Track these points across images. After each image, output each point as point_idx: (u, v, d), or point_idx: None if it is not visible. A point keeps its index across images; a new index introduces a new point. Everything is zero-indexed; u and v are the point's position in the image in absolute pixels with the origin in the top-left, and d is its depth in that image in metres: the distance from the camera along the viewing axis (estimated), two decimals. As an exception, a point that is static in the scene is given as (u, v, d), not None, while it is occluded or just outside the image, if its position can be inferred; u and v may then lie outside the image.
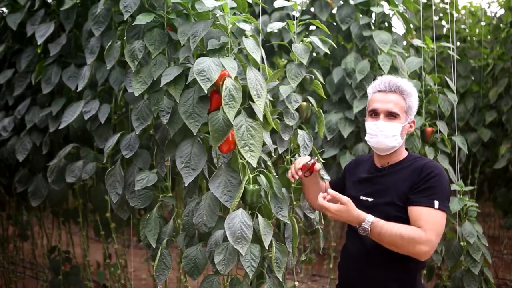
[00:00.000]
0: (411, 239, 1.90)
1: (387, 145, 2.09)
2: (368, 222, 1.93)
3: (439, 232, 1.96)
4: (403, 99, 2.09)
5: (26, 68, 3.13)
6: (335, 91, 3.40)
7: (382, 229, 1.92)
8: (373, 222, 1.93)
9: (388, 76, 2.15)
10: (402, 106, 2.09)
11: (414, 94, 2.13)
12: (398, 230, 1.91)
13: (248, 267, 1.95)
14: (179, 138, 2.21)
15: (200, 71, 2.00)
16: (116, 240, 3.00)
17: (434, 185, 1.98)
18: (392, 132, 2.07)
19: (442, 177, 2.01)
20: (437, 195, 1.97)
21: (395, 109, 2.07)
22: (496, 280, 4.44)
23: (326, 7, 3.46)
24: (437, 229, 1.94)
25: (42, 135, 3.09)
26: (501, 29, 4.66)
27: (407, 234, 1.91)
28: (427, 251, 1.92)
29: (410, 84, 2.14)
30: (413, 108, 2.12)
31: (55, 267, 3.63)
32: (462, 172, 4.51)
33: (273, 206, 2.11)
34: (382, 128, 2.08)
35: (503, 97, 4.37)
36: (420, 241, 1.90)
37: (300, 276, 4.48)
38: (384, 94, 2.10)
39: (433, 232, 1.93)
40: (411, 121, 2.13)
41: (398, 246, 1.92)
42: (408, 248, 1.92)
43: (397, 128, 2.07)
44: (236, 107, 1.99)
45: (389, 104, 2.08)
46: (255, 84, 2.06)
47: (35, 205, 3.11)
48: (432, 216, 1.95)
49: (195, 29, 2.14)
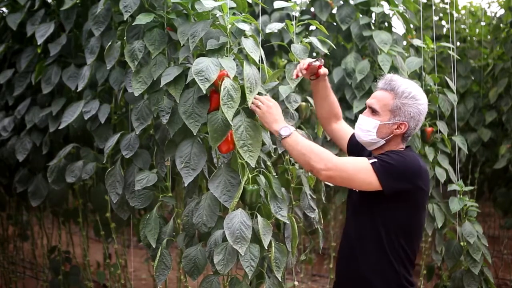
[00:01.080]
0: (320, 155, 1.97)
1: (361, 138, 2.11)
2: (293, 128, 2.03)
3: (350, 172, 1.97)
4: (391, 98, 2.04)
5: (26, 68, 3.13)
6: (335, 91, 3.38)
7: (299, 137, 2.02)
8: (296, 131, 2.04)
9: (390, 75, 2.11)
10: (387, 104, 2.04)
11: (412, 97, 2.03)
12: (313, 144, 2.02)
13: (247, 267, 1.95)
14: (179, 138, 2.21)
15: (198, 71, 2.00)
16: (116, 240, 2.99)
17: (389, 157, 1.97)
18: (366, 127, 2.07)
19: (405, 161, 1.98)
20: (382, 162, 1.96)
21: (375, 105, 2.06)
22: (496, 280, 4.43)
23: (326, 7, 3.45)
24: (350, 167, 1.97)
25: (42, 135, 3.09)
26: (501, 29, 4.66)
27: (319, 149, 1.99)
28: (320, 169, 1.95)
29: (414, 88, 2.05)
30: (405, 111, 2.02)
31: (55, 267, 3.62)
32: (462, 172, 4.51)
33: (272, 206, 2.11)
34: (359, 122, 2.10)
35: (503, 97, 4.37)
36: (326, 160, 1.95)
37: (300, 276, 4.48)
38: (378, 90, 2.10)
39: (345, 164, 1.98)
40: (399, 123, 2.04)
41: (306, 156, 1.98)
42: (311, 161, 1.97)
43: (372, 124, 2.05)
44: (234, 107, 1.99)
45: (372, 100, 2.09)
46: (250, 78, 2.07)
47: (35, 205, 3.11)
48: (359, 160, 2.00)
49: (194, 29, 2.14)
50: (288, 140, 2.02)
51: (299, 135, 2.05)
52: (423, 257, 3.42)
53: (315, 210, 2.50)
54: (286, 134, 2.02)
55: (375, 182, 1.95)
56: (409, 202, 2.01)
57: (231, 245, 1.94)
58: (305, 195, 2.48)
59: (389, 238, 2.00)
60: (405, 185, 1.97)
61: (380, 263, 2.02)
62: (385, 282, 2.01)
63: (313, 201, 2.50)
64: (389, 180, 1.95)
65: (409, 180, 1.98)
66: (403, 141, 2.11)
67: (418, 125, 2.08)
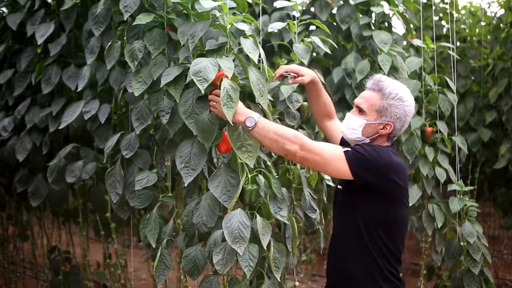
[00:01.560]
0: (293, 138, 1.97)
1: (347, 136, 2.13)
2: (256, 115, 2.01)
3: (324, 156, 1.98)
4: (379, 98, 2.06)
5: (26, 68, 3.13)
6: (335, 91, 3.40)
7: (267, 122, 2.01)
8: (261, 116, 2.02)
9: (379, 75, 2.13)
10: (374, 104, 2.06)
11: (399, 99, 2.05)
12: (281, 127, 2.01)
13: (246, 267, 1.95)
14: (179, 138, 2.21)
15: (196, 71, 2.01)
16: (116, 240, 2.99)
17: (362, 149, 1.99)
18: (352, 125, 2.10)
19: (377, 153, 1.98)
20: (354, 152, 1.97)
21: (362, 105, 2.08)
22: (496, 280, 4.43)
23: (326, 7, 3.45)
24: (325, 151, 1.98)
25: (42, 135, 3.08)
26: (501, 29, 4.66)
27: (291, 131, 1.99)
28: (295, 151, 1.96)
29: (401, 89, 2.07)
30: (391, 112, 2.04)
31: (55, 267, 3.62)
32: (462, 172, 4.51)
33: (272, 206, 2.11)
34: (346, 120, 2.13)
35: (503, 97, 4.37)
36: (301, 142, 1.96)
37: (300, 276, 4.48)
38: (366, 90, 2.13)
39: (321, 148, 1.98)
40: (385, 123, 2.06)
41: (280, 142, 1.97)
42: (285, 146, 1.97)
43: (358, 122, 2.08)
44: (234, 107, 1.99)
45: (360, 99, 2.11)
46: (256, 84, 2.08)
47: (35, 205, 3.11)
48: (334, 147, 2.03)
49: (194, 29, 2.14)
50: (256, 130, 2.00)
51: (266, 121, 2.02)
52: (423, 257, 3.42)
53: (316, 211, 2.50)
54: (252, 124, 2.00)
55: (347, 171, 1.97)
56: (384, 196, 2.02)
57: (230, 245, 1.94)
58: (306, 195, 2.48)
59: (369, 232, 2.02)
60: (376, 177, 1.99)
61: (363, 258, 2.03)
62: (369, 276, 2.03)
63: (314, 201, 2.50)
64: (360, 170, 1.97)
65: (379, 173, 1.99)
66: (388, 141, 2.13)
67: (404, 126, 2.10)
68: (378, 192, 2.01)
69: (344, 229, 2.10)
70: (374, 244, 2.02)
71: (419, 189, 3.08)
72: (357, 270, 2.04)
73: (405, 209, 2.10)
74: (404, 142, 3.08)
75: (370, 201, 2.03)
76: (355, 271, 2.04)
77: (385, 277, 2.03)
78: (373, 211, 2.03)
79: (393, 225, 2.06)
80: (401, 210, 2.08)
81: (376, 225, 2.02)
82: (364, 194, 2.02)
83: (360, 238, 2.03)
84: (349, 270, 2.06)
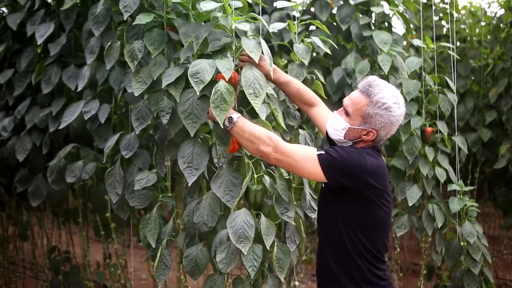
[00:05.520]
0: (268, 140, 1.97)
1: (331, 135, 2.13)
2: (236, 115, 2.02)
3: (297, 159, 1.98)
4: (365, 104, 2.01)
5: (26, 68, 3.13)
6: (335, 91, 3.40)
7: (246, 123, 2.01)
8: (240, 116, 2.03)
9: (372, 78, 2.07)
10: (360, 109, 2.02)
11: (386, 108, 2.00)
12: (258, 128, 2.00)
13: (250, 266, 1.95)
14: (179, 138, 2.21)
15: (194, 73, 2.01)
16: (116, 240, 3.00)
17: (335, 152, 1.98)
18: (335, 126, 2.09)
19: (349, 156, 1.97)
20: (327, 155, 1.97)
21: (348, 108, 2.06)
22: (496, 280, 4.43)
23: (326, 7, 3.45)
24: (297, 154, 1.98)
25: (42, 135, 3.09)
26: (501, 29, 4.65)
27: (267, 133, 1.99)
28: (269, 153, 1.97)
29: (390, 98, 2.01)
30: (376, 120, 2.00)
31: (55, 267, 3.62)
32: (462, 172, 4.50)
33: (278, 208, 2.11)
34: (331, 119, 2.13)
35: (503, 97, 4.37)
36: (275, 144, 1.96)
37: (300, 276, 4.48)
38: (356, 91, 2.08)
39: (294, 150, 1.98)
40: (369, 130, 2.02)
41: (255, 144, 1.98)
42: (260, 147, 1.97)
43: (342, 125, 2.06)
44: (227, 109, 1.99)
45: (348, 101, 2.08)
46: (252, 82, 2.05)
47: (35, 205, 3.11)
48: (308, 149, 2.02)
49: (198, 31, 2.14)
50: (235, 129, 2.02)
51: (244, 121, 2.03)
52: (423, 257, 3.41)
53: (316, 211, 2.50)
54: (231, 125, 2.02)
55: (321, 174, 1.97)
56: (359, 197, 2.01)
57: (234, 244, 1.94)
58: (306, 196, 2.48)
59: (348, 233, 2.02)
60: (348, 179, 1.98)
61: (344, 258, 2.04)
62: (349, 276, 2.03)
63: (314, 201, 2.50)
64: (333, 172, 1.97)
65: (352, 175, 1.98)
66: (372, 145, 2.10)
67: (390, 133, 2.07)
68: (353, 193, 2.01)
69: (326, 230, 2.11)
70: (353, 245, 2.02)
71: (419, 189, 3.08)
72: (339, 269, 2.04)
73: (385, 209, 2.06)
74: (404, 142, 3.08)
75: (348, 202, 2.03)
76: (337, 270, 2.04)
77: (365, 277, 2.02)
78: (351, 212, 2.02)
79: (372, 226, 2.04)
80: (380, 211, 2.05)
81: (355, 227, 2.02)
82: (341, 196, 2.03)
83: (341, 239, 2.03)
84: (332, 271, 2.06)
